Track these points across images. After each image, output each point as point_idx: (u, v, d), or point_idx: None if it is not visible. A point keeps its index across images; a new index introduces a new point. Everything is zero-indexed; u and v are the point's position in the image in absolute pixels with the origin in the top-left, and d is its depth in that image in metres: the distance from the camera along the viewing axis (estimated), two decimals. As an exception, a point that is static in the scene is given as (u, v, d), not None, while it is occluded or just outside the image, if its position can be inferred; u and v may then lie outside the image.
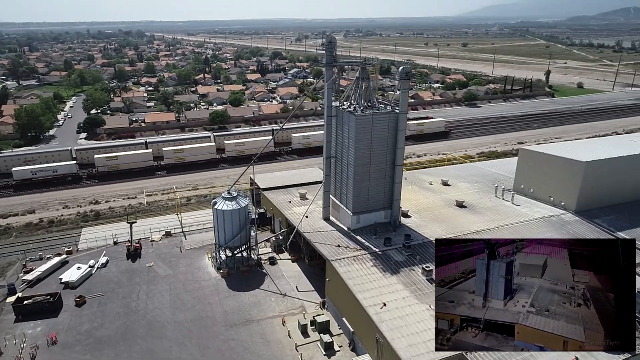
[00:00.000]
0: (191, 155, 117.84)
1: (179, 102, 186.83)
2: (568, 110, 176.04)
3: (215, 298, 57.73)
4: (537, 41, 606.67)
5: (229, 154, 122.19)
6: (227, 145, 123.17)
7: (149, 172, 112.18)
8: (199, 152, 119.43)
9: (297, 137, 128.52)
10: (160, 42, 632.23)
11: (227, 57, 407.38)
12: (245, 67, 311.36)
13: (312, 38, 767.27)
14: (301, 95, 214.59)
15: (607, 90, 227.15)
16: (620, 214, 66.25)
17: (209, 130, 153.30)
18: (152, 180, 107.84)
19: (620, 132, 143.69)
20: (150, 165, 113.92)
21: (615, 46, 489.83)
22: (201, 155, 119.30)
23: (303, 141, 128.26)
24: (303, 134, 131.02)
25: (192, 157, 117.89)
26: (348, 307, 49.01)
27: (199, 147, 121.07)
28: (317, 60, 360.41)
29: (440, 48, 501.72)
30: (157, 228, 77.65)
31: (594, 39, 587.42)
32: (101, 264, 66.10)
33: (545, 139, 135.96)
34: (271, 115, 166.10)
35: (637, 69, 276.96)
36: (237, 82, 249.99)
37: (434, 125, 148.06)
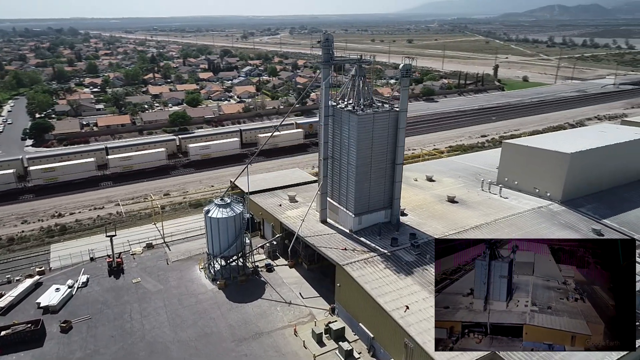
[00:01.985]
0: (139, 163, 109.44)
1: (132, 103, 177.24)
2: (520, 103, 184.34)
3: (216, 312, 54.44)
4: (476, 37, 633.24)
5: (194, 157, 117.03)
6: (191, 149, 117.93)
7: (116, 180, 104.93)
8: (148, 159, 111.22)
9: (263, 138, 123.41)
10: (97, 40, 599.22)
11: (173, 55, 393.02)
12: (195, 66, 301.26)
13: (258, 35, 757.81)
14: (259, 94, 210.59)
15: (550, 83, 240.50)
16: (600, 202, 69.48)
17: (169, 132, 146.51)
18: (120, 188, 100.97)
19: (571, 122, 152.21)
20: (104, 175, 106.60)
21: (548, 41, 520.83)
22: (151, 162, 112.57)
23: (270, 141, 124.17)
24: (266, 134, 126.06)
25: (140, 164, 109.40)
26: (366, 312, 47.68)
27: (148, 153, 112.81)
28: (269, 58, 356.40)
29: (388, 44, 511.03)
30: (136, 240, 72.58)
31: (527, 35, 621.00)
32: (81, 283, 60.60)
33: (505, 131, 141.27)
34: (233, 115, 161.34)
35: (572, 62, 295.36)
36: (190, 81, 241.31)
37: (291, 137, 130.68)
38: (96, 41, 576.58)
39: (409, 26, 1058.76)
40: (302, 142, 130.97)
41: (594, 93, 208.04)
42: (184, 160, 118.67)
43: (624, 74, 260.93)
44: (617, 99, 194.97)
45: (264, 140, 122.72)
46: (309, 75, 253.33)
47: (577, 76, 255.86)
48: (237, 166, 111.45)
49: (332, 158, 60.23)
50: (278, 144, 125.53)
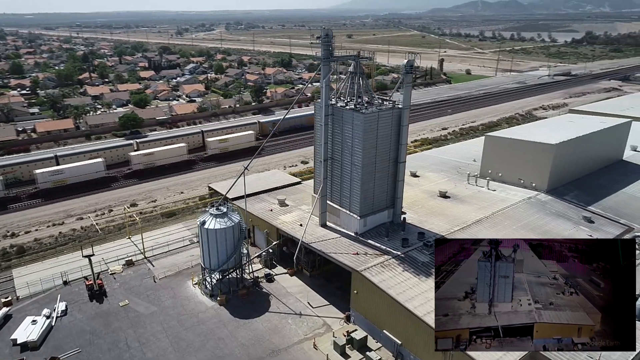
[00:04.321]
0: (72, 177, 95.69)
1: (71, 106, 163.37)
2: (469, 95, 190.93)
3: (224, 331, 50.39)
4: (412, 32, 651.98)
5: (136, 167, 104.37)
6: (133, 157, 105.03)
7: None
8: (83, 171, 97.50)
9: (212, 142, 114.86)
10: (14, 37, 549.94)
11: (105, 53, 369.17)
12: (133, 64, 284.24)
13: (193, 31, 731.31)
14: (209, 92, 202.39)
15: (491, 75, 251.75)
16: (580, 190, 72.44)
17: (119, 136, 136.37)
18: (78, 200, 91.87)
19: (521, 112, 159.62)
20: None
21: (479, 35, 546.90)
22: None
23: (220, 145, 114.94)
24: (218, 137, 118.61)
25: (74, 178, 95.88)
26: (392, 319, 45.90)
27: (82, 165, 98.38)
28: (211, 55, 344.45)
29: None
30: (112, 258, 66.07)
31: (459, 29, 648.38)
32: (60, 311, 53.93)
33: (463, 123, 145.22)
34: (188, 116, 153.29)
35: (509, 56, 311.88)
36: (131, 80, 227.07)
37: (242, 140, 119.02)
38: (14, 38, 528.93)
39: (344, 21, 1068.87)
40: (254, 145, 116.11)
41: (533, 84, 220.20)
42: (125, 170, 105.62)
43: (554, 66, 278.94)
44: (555, 89, 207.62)
45: (213, 144, 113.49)
46: (257, 72, 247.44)
47: (514, 69, 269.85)
48: (185, 174, 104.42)
49: (332, 159, 57.74)
50: (228, 148, 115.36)
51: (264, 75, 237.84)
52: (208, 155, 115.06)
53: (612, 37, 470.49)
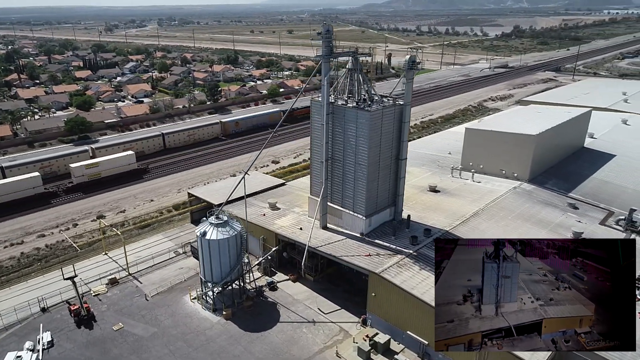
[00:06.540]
0: None
1: (3, 110, 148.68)
2: (421, 89, 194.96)
3: (237, 347, 47.38)
4: (350, 27, 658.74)
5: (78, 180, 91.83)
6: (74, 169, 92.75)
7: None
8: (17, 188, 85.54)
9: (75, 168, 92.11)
10: None
11: (30, 52, 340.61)
12: (66, 64, 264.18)
13: (123, 28, 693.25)
14: (156, 92, 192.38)
15: (436, 69, 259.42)
16: (557, 177, 75.84)
17: (67, 142, 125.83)
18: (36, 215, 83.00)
19: (473, 104, 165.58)
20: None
21: (416, 30, 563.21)
22: None
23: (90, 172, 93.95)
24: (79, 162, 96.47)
25: None
26: (417, 319, 45.14)
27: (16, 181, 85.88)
28: (150, 53, 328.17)
29: (269, 35, 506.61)
30: (91, 277, 60.42)
31: (395, 24, 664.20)
32: (46, 343, 48.29)
33: (422, 116, 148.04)
34: (140, 118, 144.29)
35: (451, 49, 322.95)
36: (67, 81, 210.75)
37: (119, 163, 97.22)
38: None
39: (281, 17, 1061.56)
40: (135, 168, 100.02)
41: (477, 77, 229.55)
42: (66, 183, 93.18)
43: (492, 59, 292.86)
44: (498, 81, 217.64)
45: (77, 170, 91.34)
46: (204, 70, 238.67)
47: (456, 62, 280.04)
48: (133, 185, 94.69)
49: (333, 159, 56.01)
50: (100, 173, 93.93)
51: (212, 73, 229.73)
52: None
53: (537, 30, 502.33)
